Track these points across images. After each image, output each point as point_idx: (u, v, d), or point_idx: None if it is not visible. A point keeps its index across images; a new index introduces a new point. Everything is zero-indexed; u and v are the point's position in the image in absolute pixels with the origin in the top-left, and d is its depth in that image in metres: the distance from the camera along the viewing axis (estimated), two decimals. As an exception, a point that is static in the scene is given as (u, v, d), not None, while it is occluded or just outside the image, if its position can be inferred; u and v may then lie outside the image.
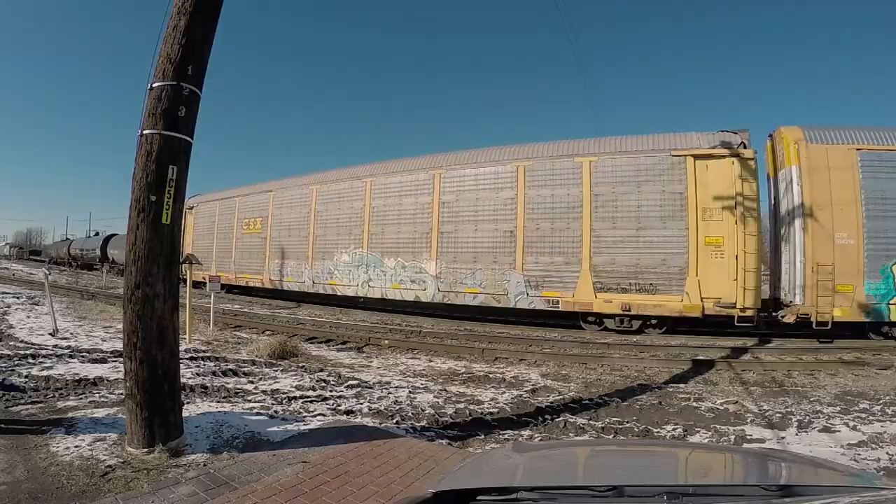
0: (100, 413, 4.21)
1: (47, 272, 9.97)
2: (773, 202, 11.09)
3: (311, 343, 8.88)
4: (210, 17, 3.59)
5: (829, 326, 9.45)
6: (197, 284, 13.11)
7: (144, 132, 3.40)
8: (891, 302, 9.57)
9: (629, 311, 10.64)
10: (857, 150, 9.86)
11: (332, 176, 16.19)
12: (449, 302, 12.66)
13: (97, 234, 34.57)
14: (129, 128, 3.66)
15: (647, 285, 10.56)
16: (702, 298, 10.06)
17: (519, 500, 1.10)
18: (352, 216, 14.86)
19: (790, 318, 9.86)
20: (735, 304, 9.80)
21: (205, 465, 3.20)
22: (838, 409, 5.26)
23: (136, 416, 3.30)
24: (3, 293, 15.01)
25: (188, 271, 8.79)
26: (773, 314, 10.51)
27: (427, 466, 3.25)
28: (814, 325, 9.53)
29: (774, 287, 11.19)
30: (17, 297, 13.87)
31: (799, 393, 5.94)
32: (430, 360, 7.80)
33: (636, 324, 10.77)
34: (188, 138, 3.53)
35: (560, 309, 11.28)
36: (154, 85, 3.42)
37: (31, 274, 26.37)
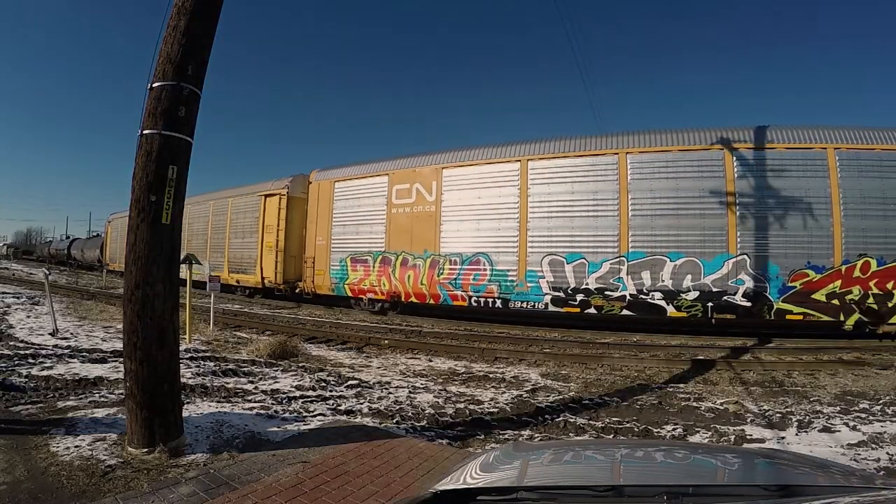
0: (100, 413, 4.21)
1: (47, 272, 9.96)
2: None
3: (311, 343, 8.88)
4: (210, 17, 3.59)
5: (312, 295, 15.45)
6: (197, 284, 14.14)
7: (144, 132, 3.40)
8: (346, 283, 14.48)
9: (239, 283, 17.73)
10: (336, 181, 15.17)
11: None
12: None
13: (69, 237, 45.82)
14: (130, 128, 3.67)
15: (245, 269, 17.53)
16: (262, 277, 16.56)
17: (519, 500, 1.10)
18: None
19: (298, 289, 15.92)
20: (274, 281, 16.10)
21: (205, 464, 3.20)
22: (838, 409, 5.26)
23: (136, 416, 3.30)
24: (3, 293, 15.01)
25: (188, 271, 8.79)
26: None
27: (427, 466, 3.24)
28: (303, 294, 15.69)
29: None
30: (17, 297, 13.87)
31: (799, 393, 5.94)
32: (430, 360, 7.80)
33: (247, 290, 17.60)
34: (188, 138, 3.53)
35: (221, 282, 18.13)
36: (154, 85, 3.42)
37: (31, 274, 26.36)
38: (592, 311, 10.62)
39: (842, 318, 9.37)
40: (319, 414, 4.67)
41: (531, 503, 1.08)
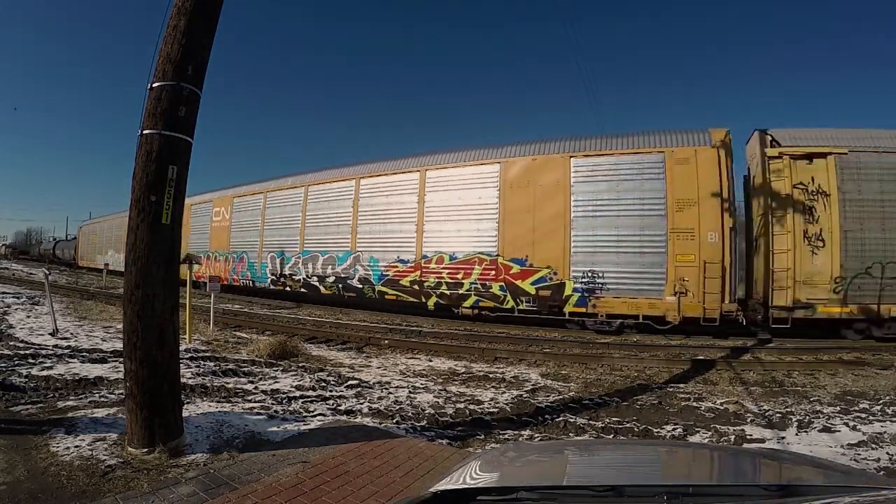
0: (100, 413, 4.21)
1: (47, 272, 9.96)
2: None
3: (311, 343, 8.89)
4: (210, 17, 3.59)
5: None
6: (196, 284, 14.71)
7: (144, 132, 3.40)
8: (194, 271, 19.30)
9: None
10: (192, 205, 20.16)
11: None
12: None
13: (54, 238, 53.11)
14: (130, 128, 3.67)
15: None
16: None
17: (519, 499, 1.09)
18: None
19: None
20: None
21: (205, 464, 3.20)
22: (838, 409, 5.26)
23: (136, 416, 3.30)
24: (3, 293, 15.01)
25: (188, 271, 8.81)
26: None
27: (427, 466, 3.25)
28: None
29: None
30: (17, 297, 13.88)
31: (799, 393, 5.94)
32: (430, 360, 7.80)
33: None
34: (188, 138, 3.53)
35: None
36: (154, 85, 3.42)
37: (31, 273, 26.38)
38: (288, 289, 16.25)
39: (423, 300, 12.70)
40: (319, 414, 4.68)
41: (531, 503, 1.08)
